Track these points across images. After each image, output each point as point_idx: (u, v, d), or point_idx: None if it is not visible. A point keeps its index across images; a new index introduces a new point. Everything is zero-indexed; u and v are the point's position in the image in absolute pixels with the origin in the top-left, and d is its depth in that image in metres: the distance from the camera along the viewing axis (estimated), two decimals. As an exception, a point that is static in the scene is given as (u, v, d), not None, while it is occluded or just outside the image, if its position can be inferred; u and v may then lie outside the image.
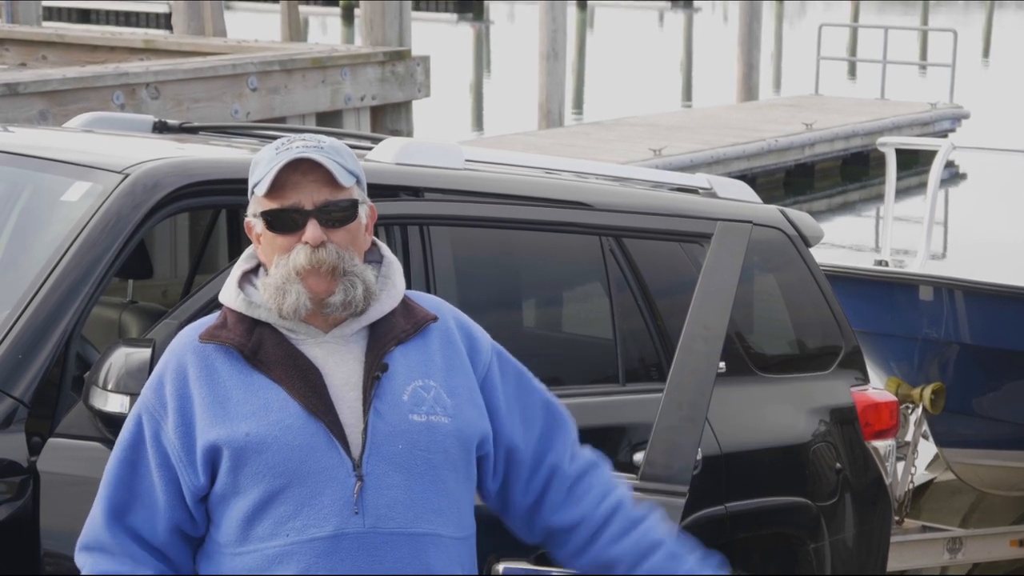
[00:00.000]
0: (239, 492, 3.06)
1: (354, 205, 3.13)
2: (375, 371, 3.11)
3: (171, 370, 3.14)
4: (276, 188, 3.10)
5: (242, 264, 3.23)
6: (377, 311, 3.17)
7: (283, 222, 3.11)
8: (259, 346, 3.12)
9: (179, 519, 3.12)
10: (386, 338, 3.15)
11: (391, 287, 3.21)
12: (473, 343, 3.27)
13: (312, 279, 3.08)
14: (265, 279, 3.14)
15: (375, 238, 3.28)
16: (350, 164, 3.16)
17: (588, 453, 3.36)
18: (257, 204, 3.15)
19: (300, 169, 3.10)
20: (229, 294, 3.19)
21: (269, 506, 3.04)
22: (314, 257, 3.08)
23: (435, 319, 3.23)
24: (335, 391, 3.09)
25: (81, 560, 3.15)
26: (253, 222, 3.17)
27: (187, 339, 3.17)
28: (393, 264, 3.26)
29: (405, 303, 3.23)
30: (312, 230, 3.09)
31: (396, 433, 3.08)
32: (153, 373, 3.18)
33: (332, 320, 3.14)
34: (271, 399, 3.07)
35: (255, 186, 3.15)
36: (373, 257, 3.24)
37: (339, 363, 3.12)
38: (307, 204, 3.10)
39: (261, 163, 3.14)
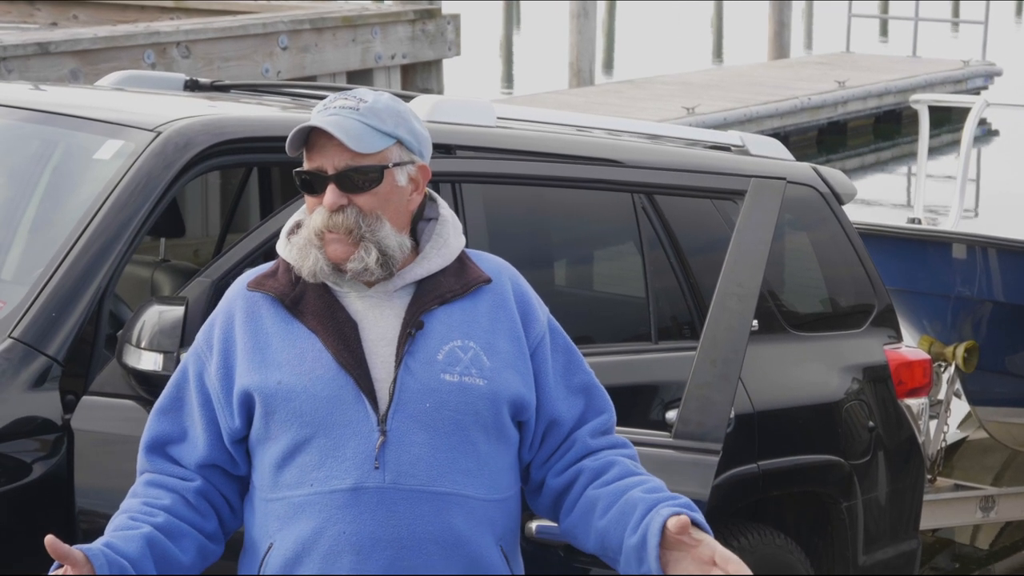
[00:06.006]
0: (270, 438, 3.11)
1: (379, 171, 3.12)
2: (410, 328, 3.11)
3: (221, 315, 3.20)
4: (308, 148, 3.13)
5: (298, 215, 3.24)
6: (424, 269, 3.17)
7: (309, 183, 3.14)
8: (301, 296, 3.15)
9: (217, 458, 3.17)
10: (429, 296, 3.15)
11: (443, 245, 3.21)
12: (529, 311, 3.24)
13: (332, 244, 3.10)
14: (296, 236, 3.17)
15: (436, 195, 3.28)
16: (388, 126, 3.14)
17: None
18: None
19: (326, 132, 3.10)
20: (280, 243, 3.22)
21: (297, 454, 3.08)
22: (330, 221, 3.10)
23: (488, 281, 3.21)
24: (370, 345, 3.10)
25: None
26: None
27: (240, 286, 3.22)
28: (449, 223, 3.25)
29: (461, 262, 3.22)
30: (329, 195, 3.10)
31: (425, 391, 3.08)
32: (209, 317, 3.24)
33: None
34: (307, 349, 3.10)
35: None
36: (431, 214, 3.24)
37: (378, 318, 3.13)
38: (329, 168, 3.11)
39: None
